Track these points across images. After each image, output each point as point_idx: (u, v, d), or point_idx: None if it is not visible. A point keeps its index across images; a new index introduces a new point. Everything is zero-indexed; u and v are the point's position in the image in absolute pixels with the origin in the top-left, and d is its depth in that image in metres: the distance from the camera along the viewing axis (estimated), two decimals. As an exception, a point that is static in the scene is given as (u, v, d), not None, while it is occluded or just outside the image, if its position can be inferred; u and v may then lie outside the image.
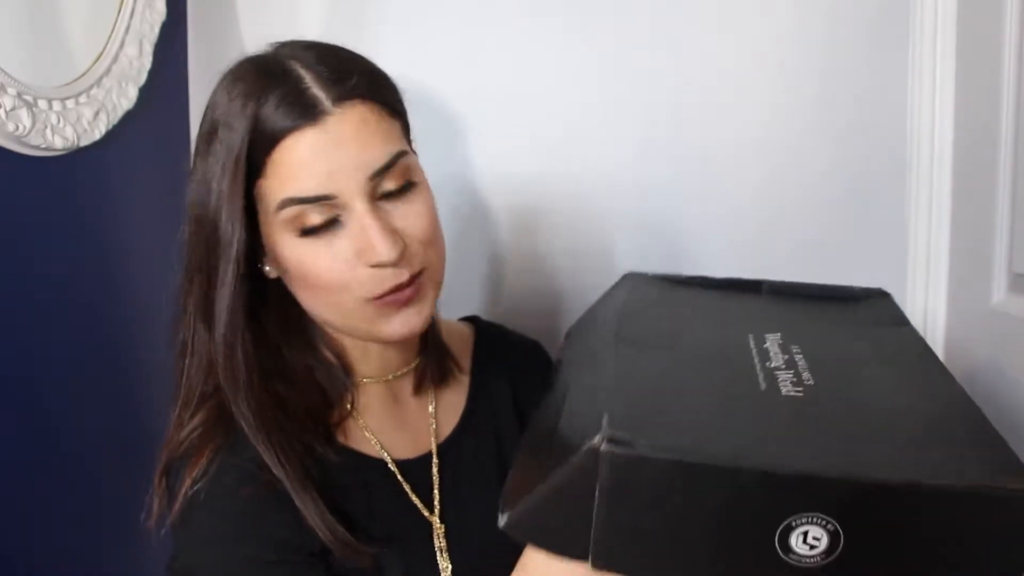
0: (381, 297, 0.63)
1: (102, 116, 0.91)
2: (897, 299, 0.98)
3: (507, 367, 0.82)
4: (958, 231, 0.93)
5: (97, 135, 0.91)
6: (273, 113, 0.61)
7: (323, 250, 0.62)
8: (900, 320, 0.68)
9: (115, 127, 0.93)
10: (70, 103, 0.87)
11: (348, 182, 0.61)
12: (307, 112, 0.61)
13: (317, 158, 0.61)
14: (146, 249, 1.04)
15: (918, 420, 0.53)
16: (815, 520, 0.46)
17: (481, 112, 1.05)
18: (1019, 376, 0.77)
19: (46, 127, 0.83)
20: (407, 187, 0.64)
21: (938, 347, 0.96)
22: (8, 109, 0.78)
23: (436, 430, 0.75)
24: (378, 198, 0.63)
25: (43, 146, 0.83)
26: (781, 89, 1.00)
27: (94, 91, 0.90)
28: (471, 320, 0.87)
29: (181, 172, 1.10)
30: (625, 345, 0.59)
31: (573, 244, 1.06)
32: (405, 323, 0.65)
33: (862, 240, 0.99)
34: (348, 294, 0.63)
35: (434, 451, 0.74)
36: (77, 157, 0.89)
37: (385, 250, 0.61)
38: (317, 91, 0.61)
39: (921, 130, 0.95)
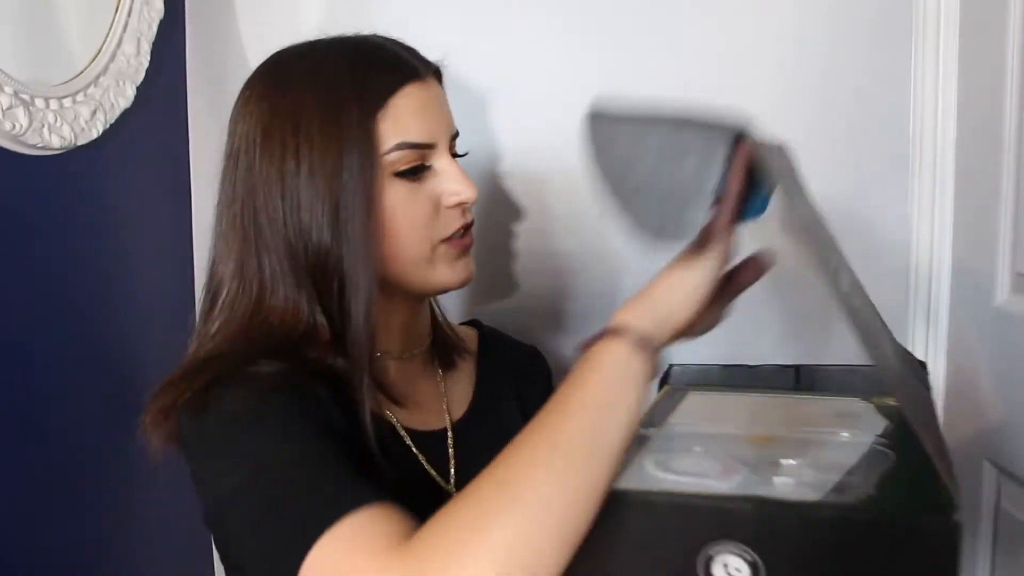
0: (450, 239, 0.72)
1: (99, 115, 0.91)
2: (900, 300, 0.99)
3: (510, 367, 0.87)
4: (961, 232, 0.93)
5: (95, 134, 0.90)
6: (384, 71, 0.69)
7: (414, 193, 0.69)
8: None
9: (113, 126, 0.93)
10: (67, 102, 0.86)
11: (441, 136, 0.71)
12: (413, 71, 0.70)
13: (425, 109, 0.70)
14: (144, 248, 1.03)
15: (868, 467, 0.54)
16: (733, 550, 0.47)
17: (479, 112, 1.04)
18: (1022, 375, 0.77)
19: (43, 126, 0.82)
20: (460, 156, 0.76)
21: (941, 347, 0.96)
22: (5, 108, 0.77)
23: (448, 411, 0.79)
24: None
25: (40, 145, 0.82)
26: (782, 89, 0.99)
27: (91, 90, 0.90)
28: (472, 324, 0.91)
29: (179, 171, 1.10)
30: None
31: (571, 244, 1.06)
32: (464, 269, 0.74)
33: (864, 240, 0.99)
34: (427, 235, 0.70)
35: (449, 427, 0.77)
36: (74, 156, 0.89)
37: (469, 189, 0.71)
38: (413, 61, 0.71)
39: (924, 129, 0.95)
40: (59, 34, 0.89)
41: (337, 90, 0.68)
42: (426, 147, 0.70)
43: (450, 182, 0.71)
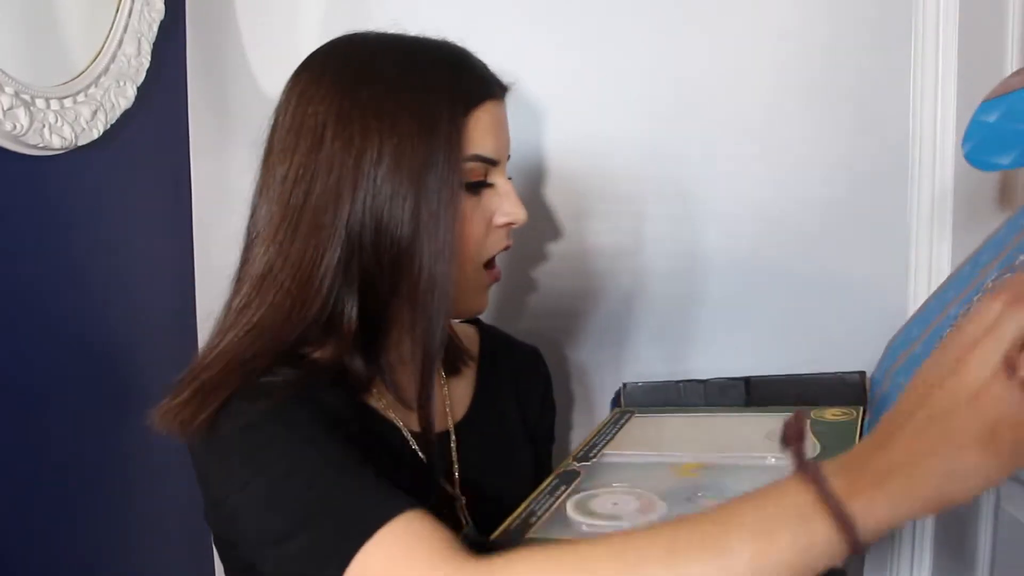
0: (487, 266, 0.73)
1: (100, 115, 0.91)
2: (899, 297, 0.99)
3: (510, 367, 0.87)
4: (961, 230, 0.93)
5: (95, 134, 0.90)
6: (474, 81, 0.70)
7: (475, 205, 0.70)
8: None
9: (113, 126, 0.93)
10: (68, 102, 0.86)
11: (503, 155, 0.72)
12: (494, 88, 0.71)
13: (499, 126, 0.71)
14: (144, 248, 1.03)
15: None
16: None
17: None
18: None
19: (44, 126, 0.82)
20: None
21: (940, 347, 0.95)
22: (6, 108, 0.77)
23: (450, 412, 0.78)
24: None
25: (41, 145, 0.82)
26: (782, 89, 0.99)
27: (92, 90, 0.90)
28: (473, 323, 0.90)
29: (180, 171, 1.10)
30: None
31: (573, 246, 1.06)
32: (485, 301, 0.75)
33: (864, 239, 0.99)
34: (478, 251, 0.71)
35: (452, 430, 0.77)
36: (75, 156, 0.89)
37: (523, 212, 0.72)
38: (491, 77, 0.72)
39: (923, 128, 0.95)
40: (60, 35, 0.89)
41: (432, 86, 0.67)
42: (492, 163, 0.70)
43: (506, 202, 0.71)
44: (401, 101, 0.65)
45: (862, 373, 0.76)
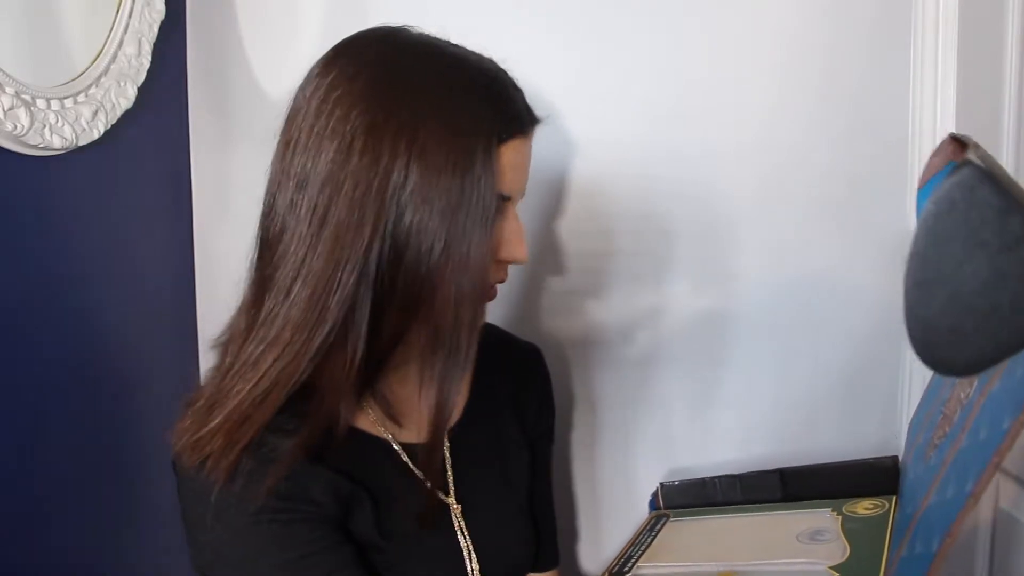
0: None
1: (101, 115, 0.91)
2: (899, 300, 0.98)
3: (508, 367, 0.86)
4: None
5: (96, 134, 0.90)
6: (510, 115, 0.66)
7: None
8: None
9: (114, 126, 0.93)
10: (68, 102, 0.86)
11: (518, 191, 0.70)
12: (526, 123, 0.68)
13: (520, 164, 0.68)
14: (144, 248, 1.03)
15: None
16: None
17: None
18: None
19: (44, 126, 0.82)
20: None
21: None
22: (6, 108, 0.77)
23: None
24: None
25: (41, 145, 0.82)
26: (782, 88, 0.99)
27: (93, 90, 0.90)
28: None
29: (180, 171, 1.10)
30: None
31: (574, 245, 1.06)
32: (483, 315, 0.72)
33: (864, 240, 0.99)
34: None
35: (445, 436, 0.76)
36: (76, 156, 0.89)
37: (524, 253, 0.70)
38: (527, 113, 0.69)
39: (923, 129, 0.95)
40: (60, 35, 0.89)
41: (470, 118, 0.63)
42: (504, 199, 0.67)
43: (511, 239, 0.69)
44: (435, 129, 0.62)
45: (894, 458, 0.75)
